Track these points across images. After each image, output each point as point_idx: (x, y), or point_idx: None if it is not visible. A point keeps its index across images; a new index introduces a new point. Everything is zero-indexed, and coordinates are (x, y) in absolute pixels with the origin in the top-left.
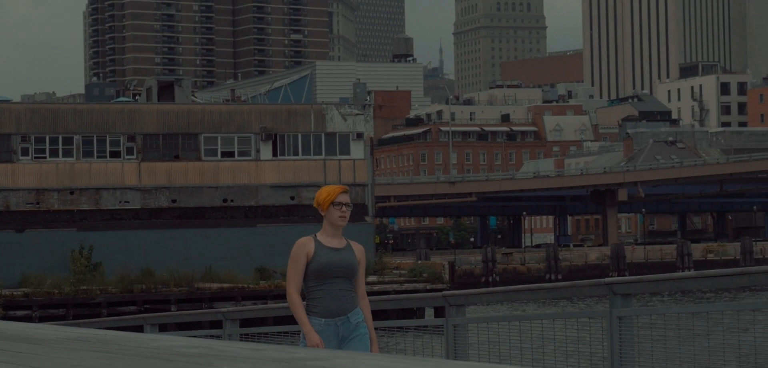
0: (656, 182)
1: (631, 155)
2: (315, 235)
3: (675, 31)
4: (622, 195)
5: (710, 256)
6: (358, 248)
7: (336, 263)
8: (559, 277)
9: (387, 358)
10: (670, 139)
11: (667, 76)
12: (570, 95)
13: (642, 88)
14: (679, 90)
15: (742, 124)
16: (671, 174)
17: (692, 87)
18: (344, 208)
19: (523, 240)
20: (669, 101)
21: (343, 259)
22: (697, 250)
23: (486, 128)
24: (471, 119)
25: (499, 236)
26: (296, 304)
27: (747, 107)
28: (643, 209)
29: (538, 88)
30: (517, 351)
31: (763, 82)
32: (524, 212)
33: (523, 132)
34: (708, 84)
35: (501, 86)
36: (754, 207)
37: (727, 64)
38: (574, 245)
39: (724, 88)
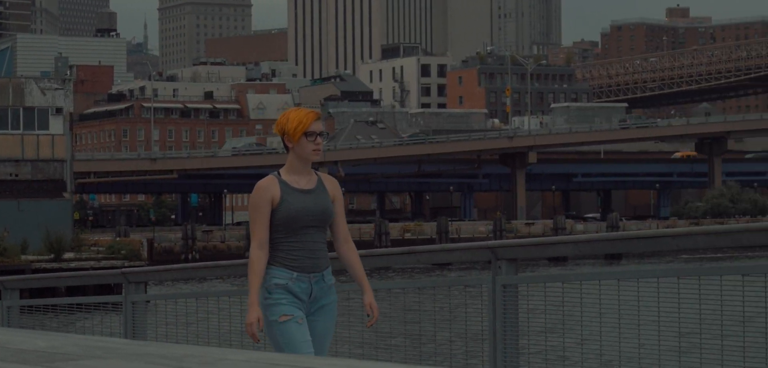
0: (356, 161)
1: (332, 135)
2: (278, 173)
3: (378, 12)
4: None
5: (407, 235)
6: (331, 184)
7: (309, 209)
8: None
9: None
10: (371, 119)
11: (370, 57)
12: (274, 73)
13: (345, 69)
14: (380, 71)
15: (442, 105)
16: (371, 154)
17: (393, 68)
18: (319, 138)
19: (224, 218)
20: (371, 81)
21: (317, 204)
22: (395, 229)
23: (189, 105)
24: (174, 96)
25: (201, 214)
26: (254, 266)
27: (446, 88)
28: (343, 188)
29: (242, 66)
30: (194, 327)
31: (462, 65)
32: (226, 190)
33: (226, 110)
34: (409, 65)
35: (205, 63)
36: (451, 187)
37: (428, 46)
38: None
39: (425, 70)
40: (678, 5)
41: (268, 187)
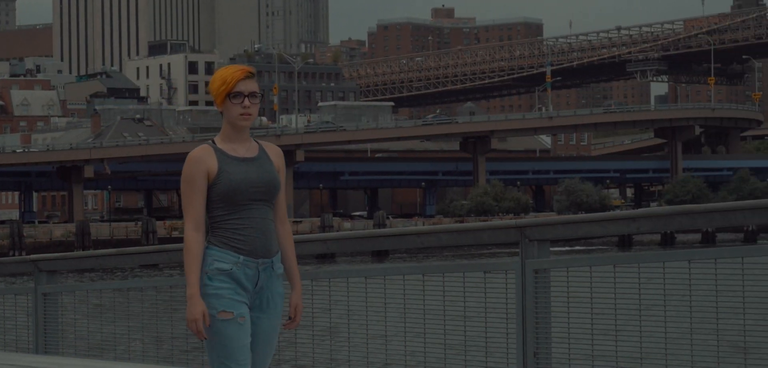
0: (123, 159)
1: (98, 132)
2: (213, 141)
3: (145, 8)
4: (89, 172)
5: (174, 233)
6: (275, 153)
7: (252, 180)
8: (24, 253)
9: None
10: (138, 116)
11: (137, 54)
12: (38, 69)
13: (112, 65)
14: (147, 68)
15: (210, 103)
16: (138, 152)
17: (161, 65)
18: (248, 100)
19: None
20: (138, 78)
21: (261, 174)
22: (162, 227)
23: None
24: None
25: None
26: (191, 251)
27: None
28: (110, 187)
29: (6, 61)
30: None
31: (230, 63)
32: None
33: None
34: (176, 63)
35: None
36: None
37: (195, 43)
38: (40, 222)
39: (192, 67)
40: (443, 6)
41: (201, 157)
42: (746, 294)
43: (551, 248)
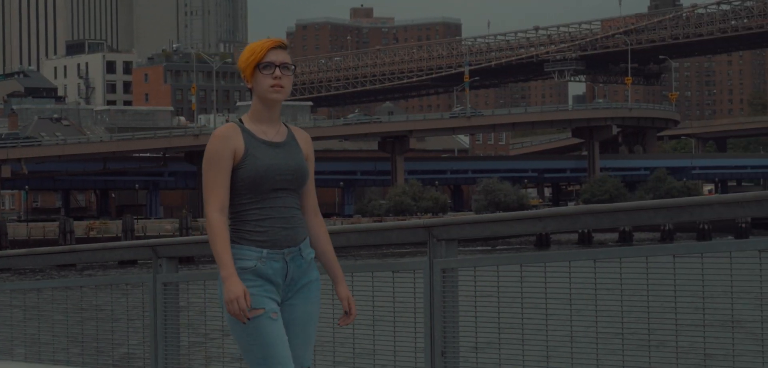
0: (40, 159)
1: (15, 131)
2: (240, 119)
3: (63, 7)
4: (6, 172)
5: (92, 233)
6: (303, 139)
7: (280, 167)
8: None
9: None
10: (56, 116)
11: (55, 53)
12: None
13: (29, 64)
14: (65, 67)
15: (128, 103)
16: (55, 152)
17: (79, 64)
18: (279, 71)
19: None
20: (55, 77)
21: (290, 160)
22: (80, 227)
23: None
24: None
25: None
26: (217, 233)
27: (132, 86)
28: (27, 186)
29: None
30: None
31: (148, 62)
32: None
33: None
34: (94, 62)
35: None
36: (136, 185)
37: (114, 43)
38: None
39: (110, 67)
40: (362, 5)
41: (228, 135)
42: (650, 292)
43: (460, 248)
